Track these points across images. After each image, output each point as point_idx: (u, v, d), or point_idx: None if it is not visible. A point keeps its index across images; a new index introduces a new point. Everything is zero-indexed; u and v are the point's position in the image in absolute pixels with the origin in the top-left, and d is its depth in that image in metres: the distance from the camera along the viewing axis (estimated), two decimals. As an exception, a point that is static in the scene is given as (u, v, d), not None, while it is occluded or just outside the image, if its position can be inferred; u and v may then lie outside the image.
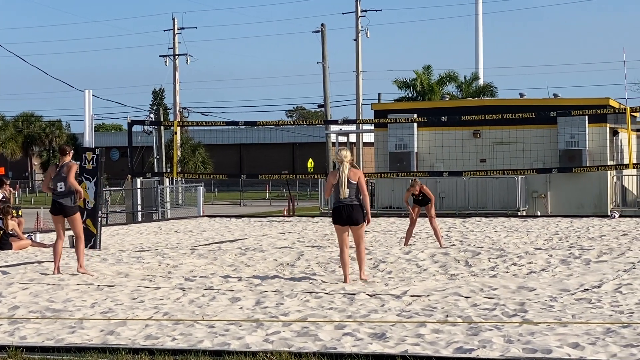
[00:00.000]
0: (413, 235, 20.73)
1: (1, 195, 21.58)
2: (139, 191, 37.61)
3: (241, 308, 11.64)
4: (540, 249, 18.00)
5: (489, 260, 16.07)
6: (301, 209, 49.27)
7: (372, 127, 42.02)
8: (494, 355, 8.68)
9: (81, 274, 14.96)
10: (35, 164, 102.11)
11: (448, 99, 51.96)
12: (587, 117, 33.00)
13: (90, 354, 9.16)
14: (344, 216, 13.73)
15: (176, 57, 65.77)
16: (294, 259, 16.91)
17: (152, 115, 68.68)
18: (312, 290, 12.92)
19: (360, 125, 52.91)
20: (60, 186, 15.34)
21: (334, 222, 13.99)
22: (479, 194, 34.60)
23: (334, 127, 56.56)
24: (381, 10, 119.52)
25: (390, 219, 28.81)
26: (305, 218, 31.95)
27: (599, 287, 12.85)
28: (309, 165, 72.61)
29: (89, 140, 24.51)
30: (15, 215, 21.08)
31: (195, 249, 19.44)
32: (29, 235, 21.68)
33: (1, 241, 20.04)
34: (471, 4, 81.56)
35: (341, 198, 13.72)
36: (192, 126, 75.00)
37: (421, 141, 35.62)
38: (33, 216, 37.92)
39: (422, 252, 17.16)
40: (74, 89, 74.47)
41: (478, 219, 28.91)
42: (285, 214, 39.86)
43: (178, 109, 65.14)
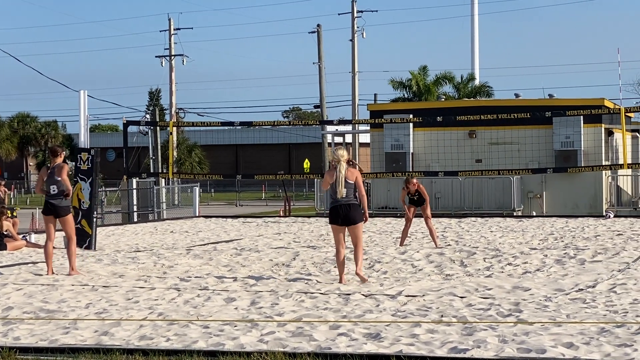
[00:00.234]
0: (409, 236, 20.72)
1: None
2: (134, 192, 37.57)
3: (236, 308, 11.64)
4: (535, 249, 18.02)
5: (484, 261, 16.08)
6: (297, 209, 49.25)
7: (368, 128, 42.05)
8: (488, 355, 8.69)
9: (75, 275, 14.93)
10: (31, 164, 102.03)
11: (444, 99, 52.02)
12: (582, 117, 33.02)
13: (84, 354, 9.15)
14: (341, 216, 13.67)
15: (172, 57, 65.77)
16: (289, 259, 16.91)
17: (148, 116, 68.66)
18: (307, 291, 12.92)
19: (356, 125, 52.92)
20: (53, 189, 15.28)
21: (330, 222, 13.91)
22: (474, 194, 34.60)
23: (330, 128, 56.57)
24: (377, 11, 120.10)
25: (386, 219, 28.82)
26: (301, 218, 31.96)
27: (593, 287, 12.86)
28: (305, 166, 72.62)
29: (84, 140, 24.50)
30: (10, 215, 21.06)
31: (190, 249, 19.43)
32: (24, 236, 21.65)
33: (-4, 242, 20.01)
34: (467, 4, 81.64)
35: (338, 198, 13.68)
36: (188, 127, 74.94)
37: (417, 141, 35.62)
38: (28, 217, 37.84)
39: (417, 252, 17.17)
40: (69, 90, 74.47)
41: (473, 219, 28.93)
42: (281, 214, 39.85)
43: (174, 109, 65.13)
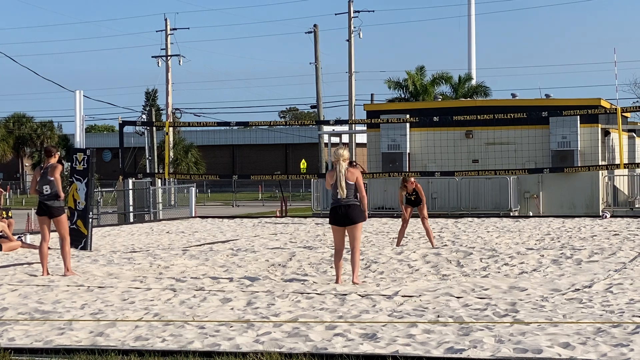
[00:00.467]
0: (405, 236, 20.71)
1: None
2: (130, 192, 37.56)
3: (232, 309, 11.62)
4: (531, 249, 18.00)
5: (481, 261, 16.07)
6: (294, 209, 49.24)
7: (365, 128, 42.04)
8: (484, 355, 8.67)
9: (70, 276, 14.90)
10: (27, 165, 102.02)
11: (440, 99, 52.00)
12: (578, 117, 33.03)
13: (79, 355, 9.12)
14: (340, 216, 13.61)
15: (168, 57, 65.75)
16: (285, 259, 16.89)
17: (144, 116, 68.65)
18: (303, 291, 12.90)
19: (353, 125, 52.96)
20: (46, 189, 15.24)
21: (330, 223, 13.85)
22: (471, 195, 34.60)
23: (326, 128, 56.59)
24: (374, 11, 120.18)
25: (383, 219, 28.80)
26: (298, 219, 31.93)
27: (590, 287, 12.85)
28: (301, 166, 72.66)
29: (79, 141, 24.42)
30: (5, 216, 21.02)
31: (187, 249, 19.40)
32: (19, 237, 21.61)
33: (-9, 242, 19.97)
34: (464, 4, 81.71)
35: (338, 198, 13.63)
36: (184, 127, 74.94)
37: (413, 141, 35.61)
38: (24, 217, 37.81)
39: (414, 252, 17.15)
40: (65, 90, 74.31)
41: (470, 219, 28.92)
42: (278, 214, 39.83)
43: (170, 109, 65.11)
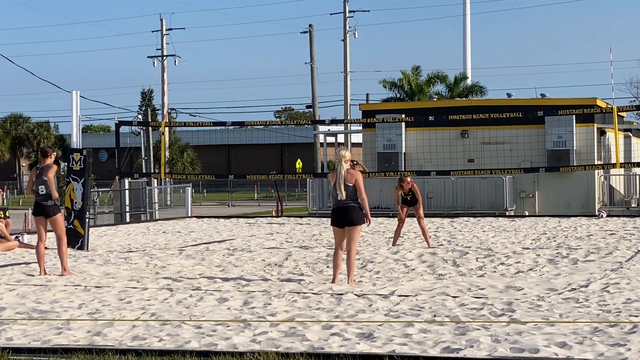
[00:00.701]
0: (401, 235, 20.73)
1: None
2: (127, 192, 37.53)
3: (229, 308, 11.63)
4: (528, 248, 18.02)
5: (477, 260, 16.09)
6: (289, 209, 49.24)
7: (360, 128, 42.04)
8: (481, 355, 8.69)
9: (67, 276, 14.91)
10: (24, 165, 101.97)
11: (436, 99, 52.02)
12: (574, 117, 33.07)
13: (77, 355, 9.13)
14: (340, 217, 13.60)
15: (164, 58, 65.70)
16: (282, 259, 16.91)
17: (140, 116, 68.60)
18: (299, 291, 12.91)
19: (349, 125, 52.95)
20: (42, 189, 15.24)
21: (331, 224, 13.87)
22: (467, 194, 34.63)
23: (322, 128, 56.62)
24: (369, 11, 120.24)
25: (378, 219, 28.80)
26: (294, 218, 31.94)
27: (586, 286, 12.87)
28: (297, 166, 72.62)
29: (76, 141, 24.47)
30: (2, 216, 21.03)
31: (183, 249, 19.41)
32: (17, 237, 21.61)
33: (-12, 242, 19.97)
34: (459, 4, 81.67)
35: (338, 199, 13.62)
36: (180, 127, 74.92)
37: (409, 141, 35.63)
38: (21, 217, 37.79)
39: (410, 252, 17.17)
40: (62, 90, 74.46)
41: (466, 218, 28.94)
42: (274, 214, 39.84)
43: (166, 109, 65.06)
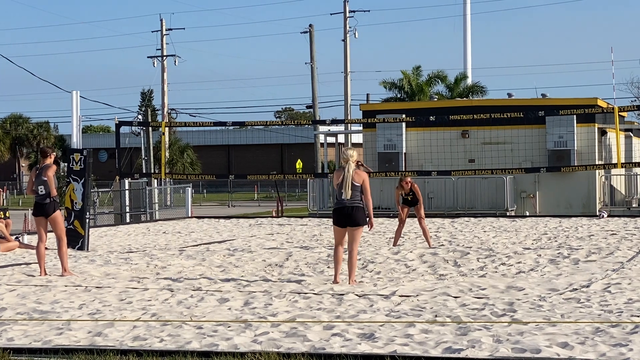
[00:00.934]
0: (402, 236, 20.71)
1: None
2: (127, 192, 37.52)
3: (229, 309, 11.61)
4: (529, 248, 18.00)
5: (478, 260, 16.07)
6: (290, 209, 49.24)
7: (361, 128, 42.04)
8: (483, 355, 8.67)
9: (68, 276, 14.89)
10: (24, 165, 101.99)
11: (436, 99, 52.00)
12: (575, 117, 33.05)
13: (78, 355, 9.11)
14: (343, 217, 13.53)
15: (164, 58, 65.69)
16: (282, 259, 16.88)
17: (140, 117, 68.59)
18: (300, 291, 12.90)
19: (349, 125, 52.93)
20: (41, 189, 15.23)
21: (333, 223, 13.79)
22: (467, 194, 34.61)
23: (322, 128, 56.60)
24: (369, 11, 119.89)
25: (379, 219, 28.78)
26: (294, 219, 31.92)
27: (587, 286, 12.85)
28: (297, 166, 72.62)
29: (76, 141, 24.44)
30: (2, 217, 21.01)
31: (183, 250, 19.39)
32: (17, 237, 21.60)
33: (-12, 243, 19.95)
34: (459, 4, 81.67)
35: (343, 199, 13.55)
36: (180, 127, 74.90)
37: (410, 141, 35.62)
38: (21, 218, 37.79)
39: (410, 252, 17.15)
40: (62, 91, 74.45)
41: (467, 219, 28.92)
42: (274, 214, 39.82)
43: (166, 110, 65.05)
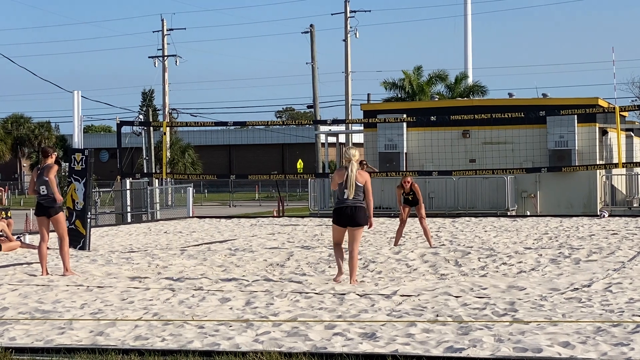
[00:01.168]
0: (403, 235, 20.71)
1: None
2: (128, 192, 37.55)
3: (231, 308, 11.62)
4: (530, 248, 18.00)
5: (479, 260, 16.08)
6: (291, 209, 49.25)
7: (362, 128, 42.04)
8: (484, 355, 8.67)
9: (70, 276, 14.91)
10: (25, 165, 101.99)
11: (437, 99, 51.99)
12: (576, 116, 33.06)
13: (80, 354, 9.12)
14: (345, 217, 13.48)
15: (165, 58, 65.68)
16: (283, 259, 16.89)
17: (141, 116, 68.59)
18: (302, 291, 12.90)
19: (350, 125, 52.93)
20: (43, 189, 15.25)
21: (333, 222, 13.72)
22: (468, 194, 34.61)
23: (323, 128, 56.57)
24: (370, 11, 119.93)
25: (380, 219, 28.78)
26: (295, 219, 31.93)
27: (589, 286, 12.85)
28: (298, 166, 72.65)
29: (78, 141, 24.41)
30: (4, 216, 21.03)
31: (184, 249, 19.40)
32: (18, 237, 21.61)
33: (-10, 242, 19.97)
34: (460, 4, 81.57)
35: (345, 198, 13.50)
36: (181, 127, 74.90)
37: (410, 141, 35.62)
38: (22, 217, 37.82)
39: (412, 252, 17.15)
40: (63, 91, 74.51)
41: (467, 218, 28.92)
42: (275, 214, 39.83)
43: (167, 109, 65.05)
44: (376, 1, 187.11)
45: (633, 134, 38.34)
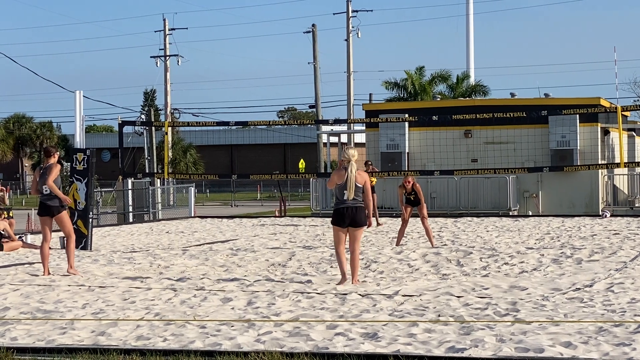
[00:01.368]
0: (405, 235, 20.71)
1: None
2: (130, 192, 37.56)
3: (233, 308, 11.62)
4: (531, 248, 18.00)
5: (481, 260, 16.07)
6: (293, 209, 49.24)
7: (364, 127, 42.02)
8: (486, 355, 8.67)
9: (72, 275, 14.92)
10: (27, 165, 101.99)
11: (439, 98, 51.99)
12: (578, 116, 33.06)
13: (82, 354, 9.12)
14: (346, 218, 13.39)
15: (167, 58, 65.69)
16: (285, 259, 16.89)
17: (143, 116, 68.62)
18: (303, 291, 12.89)
19: (352, 125, 52.91)
20: (45, 189, 15.26)
21: (333, 223, 13.58)
22: (470, 194, 34.60)
23: (325, 128, 56.58)
24: (372, 11, 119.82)
25: (382, 219, 28.78)
26: (297, 218, 31.93)
27: (590, 286, 12.85)
28: (300, 166, 72.63)
29: (79, 141, 24.40)
30: (6, 216, 21.04)
31: (186, 249, 19.40)
32: (20, 237, 21.62)
33: (-8, 242, 19.97)
34: (462, 4, 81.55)
35: (345, 199, 13.43)
36: (183, 127, 74.92)
37: (412, 141, 35.62)
38: (24, 217, 37.83)
39: (413, 252, 17.15)
40: (64, 90, 74.44)
41: (469, 218, 28.92)
42: (277, 214, 39.82)
43: (169, 109, 65.07)
44: (378, 1, 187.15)
45: (635, 134, 38.33)
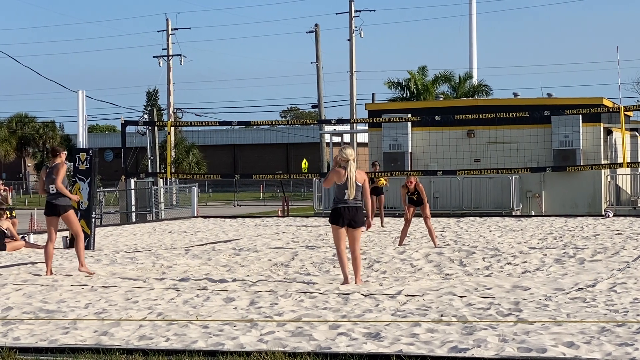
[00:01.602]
0: (407, 235, 20.70)
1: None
2: (132, 192, 37.58)
3: (235, 308, 11.62)
4: (534, 248, 18.00)
5: (484, 260, 16.07)
6: (295, 209, 49.22)
7: (366, 127, 42.03)
8: (488, 355, 8.66)
9: (79, 272, 14.93)
10: (29, 165, 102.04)
11: (442, 98, 51.97)
12: (580, 116, 33.07)
13: (84, 354, 9.13)
14: (345, 218, 13.33)
15: (170, 57, 65.76)
16: (288, 259, 16.89)
17: (145, 116, 68.63)
18: (306, 290, 12.89)
19: (354, 125, 52.91)
20: (52, 188, 15.28)
21: (332, 223, 13.49)
22: (473, 194, 34.61)
23: (328, 127, 56.57)
24: (375, 11, 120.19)
25: (384, 219, 28.78)
26: (300, 218, 31.94)
27: (593, 286, 12.84)
28: (303, 166, 72.64)
29: (82, 141, 24.43)
30: (9, 216, 21.05)
31: (189, 249, 19.41)
32: (23, 237, 21.63)
33: (-5, 242, 19.99)
34: (465, 4, 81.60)
35: (345, 199, 13.37)
36: (185, 126, 75.00)
37: (415, 141, 35.62)
38: (27, 217, 37.84)
39: (416, 251, 17.15)
40: (67, 90, 74.58)
41: (472, 218, 28.92)
42: (280, 214, 39.82)
43: (172, 109, 65.12)
44: (381, 1, 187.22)
45: (638, 134, 38.33)
